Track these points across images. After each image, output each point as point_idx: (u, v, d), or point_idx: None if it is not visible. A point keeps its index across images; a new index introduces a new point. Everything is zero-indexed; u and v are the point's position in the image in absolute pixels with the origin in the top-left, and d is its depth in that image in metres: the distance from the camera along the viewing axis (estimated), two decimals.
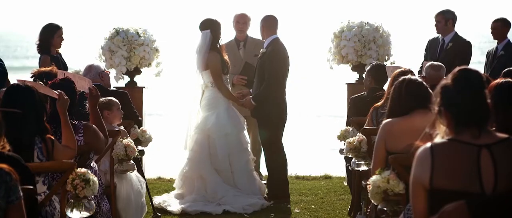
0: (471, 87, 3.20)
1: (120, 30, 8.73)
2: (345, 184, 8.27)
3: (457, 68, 3.27)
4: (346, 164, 7.46)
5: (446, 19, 8.88)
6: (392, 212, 4.29)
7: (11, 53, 48.21)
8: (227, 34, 8.47)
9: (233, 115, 7.90)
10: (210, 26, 7.80)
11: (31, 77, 6.07)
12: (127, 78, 8.90)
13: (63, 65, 8.21)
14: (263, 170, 8.60)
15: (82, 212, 4.54)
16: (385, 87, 6.61)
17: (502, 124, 3.67)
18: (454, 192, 3.11)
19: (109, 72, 7.65)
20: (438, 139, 3.21)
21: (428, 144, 3.20)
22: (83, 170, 4.56)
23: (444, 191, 3.13)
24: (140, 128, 7.05)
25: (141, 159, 7.32)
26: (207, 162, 7.77)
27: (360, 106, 6.89)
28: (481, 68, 9.94)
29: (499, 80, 4.33)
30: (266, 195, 7.89)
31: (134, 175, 6.37)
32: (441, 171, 3.13)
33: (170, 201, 7.67)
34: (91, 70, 7.20)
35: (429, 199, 3.19)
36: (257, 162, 8.45)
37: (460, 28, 9.19)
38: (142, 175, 6.86)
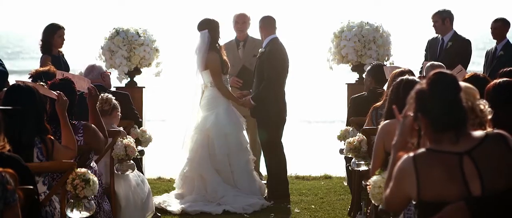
0: (446, 91, 3.17)
1: (120, 30, 8.73)
2: (345, 184, 8.27)
3: (432, 72, 3.24)
4: (346, 164, 7.46)
5: (442, 18, 8.89)
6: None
7: (7, 54, 48.17)
8: (228, 34, 8.47)
9: (232, 114, 7.90)
10: (208, 26, 7.80)
11: (29, 78, 6.07)
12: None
13: (64, 65, 8.21)
14: (263, 170, 8.60)
15: (82, 212, 4.54)
16: (385, 87, 6.61)
17: (501, 122, 3.68)
18: (444, 203, 3.10)
19: (110, 72, 7.66)
20: (419, 149, 3.18)
21: (411, 154, 3.17)
22: (83, 170, 4.56)
23: (432, 203, 3.13)
24: (140, 128, 7.06)
25: (141, 159, 7.33)
26: (207, 162, 7.77)
27: (360, 106, 6.89)
28: (480, 68, 9.96)
29: (497, 80, 4.35)
30: (266, 195, 7.90)
31: (133, 175, 6.37)
32: (427, 185, 3.12)
33: (170, 201, 7.68)
34: (93, 70, 7.20)
35: (418, 208, 3.19)
36: (257, 162, 8.45)
37: (461, 28, 9.18)
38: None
